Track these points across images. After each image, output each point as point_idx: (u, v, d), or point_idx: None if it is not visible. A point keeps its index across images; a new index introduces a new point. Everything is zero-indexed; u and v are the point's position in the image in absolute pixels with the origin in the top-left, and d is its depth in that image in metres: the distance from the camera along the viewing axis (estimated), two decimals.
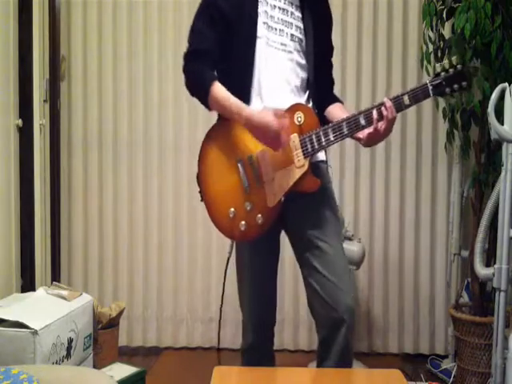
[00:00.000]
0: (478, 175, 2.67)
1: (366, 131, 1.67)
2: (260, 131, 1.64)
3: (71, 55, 3.18)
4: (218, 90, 1.70)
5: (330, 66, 1.94)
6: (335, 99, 1.92)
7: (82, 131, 3.19)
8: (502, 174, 2.19)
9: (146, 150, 3.18)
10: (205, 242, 3.18)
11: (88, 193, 3.21)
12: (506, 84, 2.16)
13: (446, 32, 2.76)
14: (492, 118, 2.14)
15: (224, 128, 1.77)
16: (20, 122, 2.66)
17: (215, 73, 1.75)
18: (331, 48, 1.93)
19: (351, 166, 3.13)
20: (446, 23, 2.71)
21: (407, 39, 3.11)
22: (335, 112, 1.84)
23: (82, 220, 3.21)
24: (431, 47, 2.75)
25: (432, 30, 2.71)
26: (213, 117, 1.90)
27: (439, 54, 2.74)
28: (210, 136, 1.79)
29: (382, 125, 1.64)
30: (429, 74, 2.80)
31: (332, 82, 1.97)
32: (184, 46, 3.18)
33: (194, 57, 1.77)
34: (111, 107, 3.18)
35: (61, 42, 3.11)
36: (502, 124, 2.15)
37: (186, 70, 1.80)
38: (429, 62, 2.75)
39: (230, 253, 1.87)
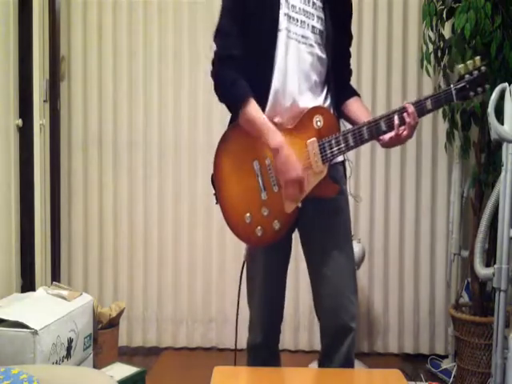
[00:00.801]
0: (478, 175, 2.67)
1: (388, 135, 1.64)
2: (280, 168, 1.62)
3: (71, 55, 3.18)
4: (253, 108, 1.63)
5: (349, 56, 1.88)
6: (353, 92, 1.86)
7: (82, 131, 3.19)
8: (502, 174, 2.19)
9: (146, 150, 3.18)
10: (205, 241, 3.17)
11: (88, 193, 3.20)
12: (506, 84, 2.16)
13: (446, 32, 2.76)
14: (492, 118, 2.14)
15: (241, 131, 1.69)
16: (20, 121, 2.66)
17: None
18: (351, 37, 1.87)
19: (351, 165, 3.12)
20: (446, 23, 2.71)
21: (407, 39, 3.11)
22: (354, 109, 1.79)
23: (82, 220, 3.21)
24: (431, 47, 2.75)
25: (432, 29, 2.71)
26: (213, 117, 1.90)
27: (439, 54, 2.74)
28: (227, 138, 1.73)
29: (403, 130, 1.61)
30: (429, 74, 2.80)
31: (350, 73, 1.91)
32: (184, 46, 3.22)
33: (227, 63, 1.68)
34: (111, 107, 3.18)
35: (61, 42, 3.11)
36: (502, 124, 2.15)
37: (217, 76, 1.71)
38: (429, 62, 2.75)
39: (246, 257, 1.86)
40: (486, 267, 2.45)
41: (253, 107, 1.63)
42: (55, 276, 3.04)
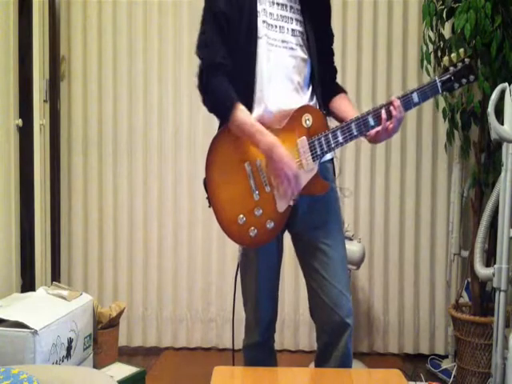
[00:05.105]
0: (478, 175, 2.67)
1: (375, 130, 1.66)
2: (275, 167, 1.63)
3: (71, 55, 3.18)
4: (241, 113, 1.65)
5: (332, 54, 1.90)
6: (339, 89, 1.88)
7: (82, 131, 3.19)
8: (502, 174, 2.19)
9: (146, 149, 3.18)
10: (204, 241, 3.18)
11: (88, 193, 3.21)
12: (506, 84, 2.17)
13: (446, 32, 2.76)
14: (492, 117, 2.14)
15: (231, 134, 1.71)
16: (20, 121, 2.66)
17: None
18: (332, 35, 1.89)
19: (351, 165, 3.13)
20: (446, 23, 2.71)
21: (407, 39, 3.10)
22: (342, 105, 1.81)
23: (82, 220, 3.21)
24: (431, 47, 2.75)
25: (432, 29, 2.71)
26: (213, 117, 1.89)
27: (439, 54, 2.74)
28: (218, 141, 1.73)
29: (389, 124, 1.63)
30: (429, 74, 2.80)
31: (335, 71, 1.93)
32: (183, 46, 3.21)
33: (214, 73, 1.69)
34: (111, 107, 3.18)
35: (61, 42, 3.12)
36: (502, 124, 2.15)
37: (204, 88, 1.71)
38: (429, 62, 2.75)
39: (240, 259, 1.86)
40: (486, 267, 2.45)
41: (241, 112, 1.65)
42: (55, 276, 3.04)
